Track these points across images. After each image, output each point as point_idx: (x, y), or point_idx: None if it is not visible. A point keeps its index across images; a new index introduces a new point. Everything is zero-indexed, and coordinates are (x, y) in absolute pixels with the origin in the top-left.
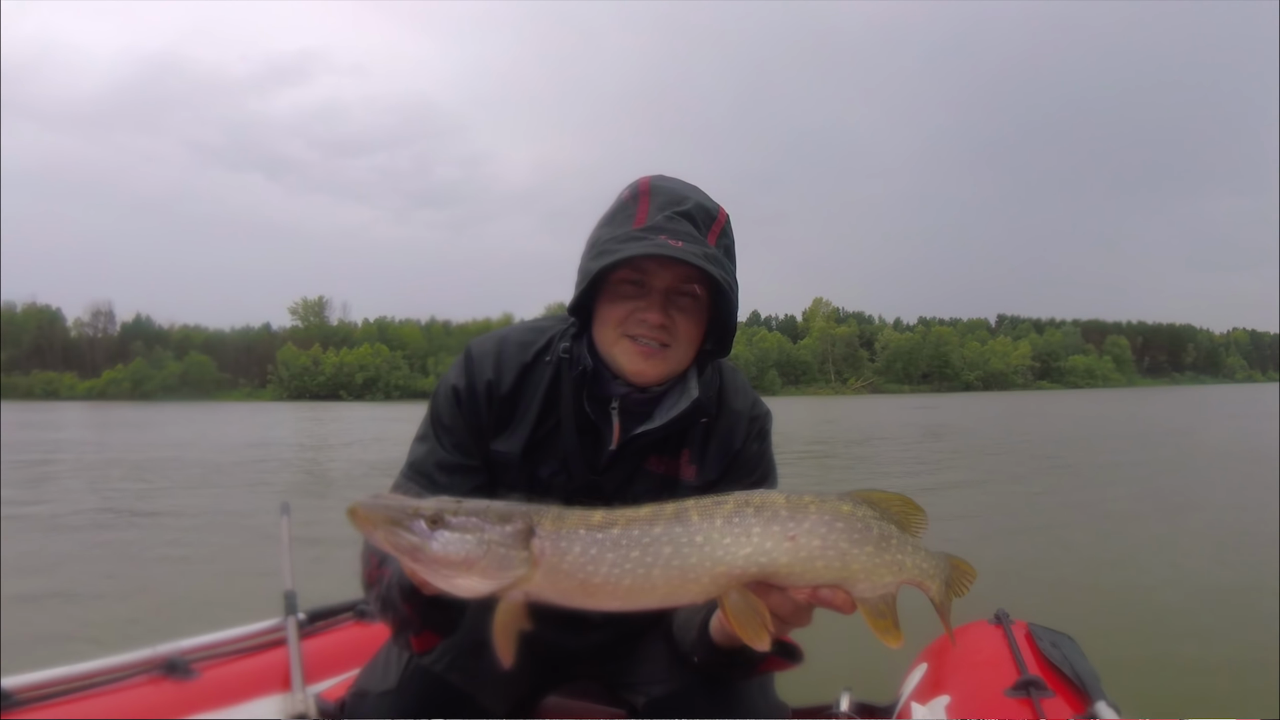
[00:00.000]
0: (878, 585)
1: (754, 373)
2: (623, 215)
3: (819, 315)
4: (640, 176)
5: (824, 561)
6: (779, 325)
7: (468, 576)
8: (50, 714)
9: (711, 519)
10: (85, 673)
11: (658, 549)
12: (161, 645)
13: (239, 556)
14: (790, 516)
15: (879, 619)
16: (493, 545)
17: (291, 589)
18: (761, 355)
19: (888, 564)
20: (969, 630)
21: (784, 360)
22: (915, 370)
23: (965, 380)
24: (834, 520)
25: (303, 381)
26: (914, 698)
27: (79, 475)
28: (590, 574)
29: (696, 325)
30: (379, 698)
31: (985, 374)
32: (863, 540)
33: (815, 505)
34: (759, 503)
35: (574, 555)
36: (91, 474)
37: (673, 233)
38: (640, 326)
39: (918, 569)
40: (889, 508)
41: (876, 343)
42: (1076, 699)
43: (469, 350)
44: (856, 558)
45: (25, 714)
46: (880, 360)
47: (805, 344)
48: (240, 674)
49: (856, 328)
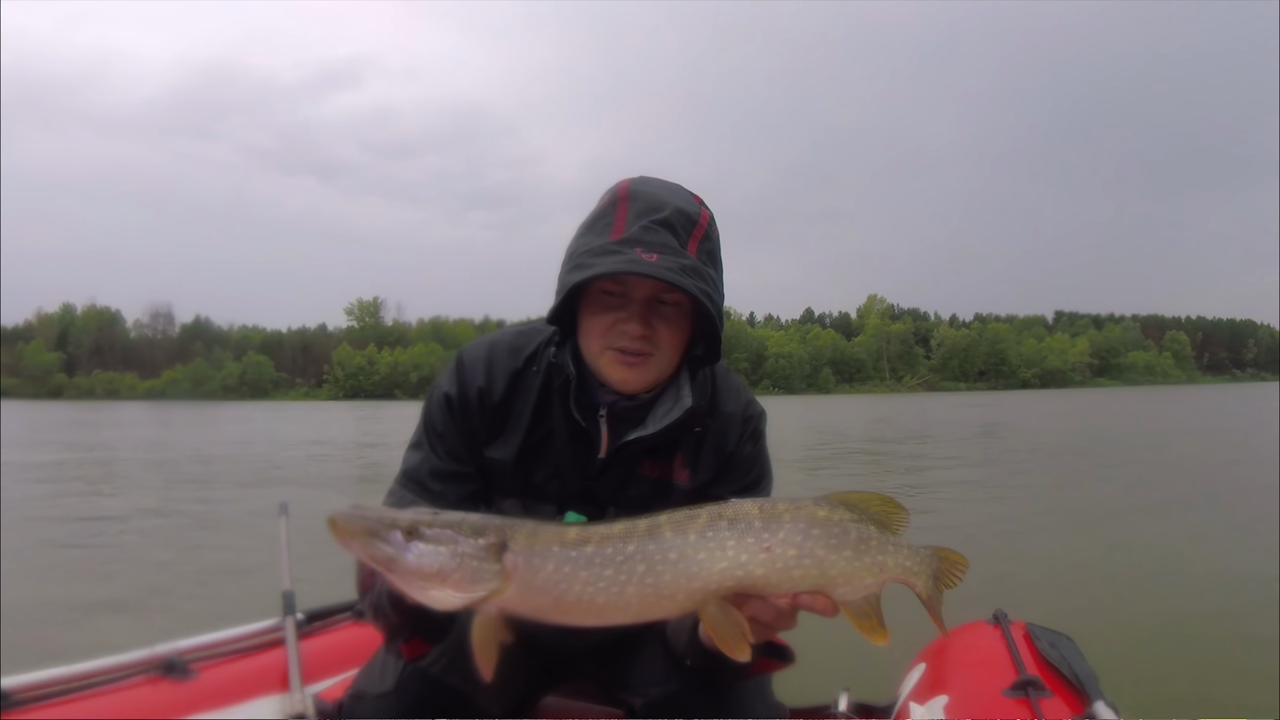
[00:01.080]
0: (859, 587)
1: (808, 370)
2: (601, 224)
3: (874, 312)
4: (621, 180)
5: (801, 570)
6: (833, 322)
7: (441, 588)
8: (49, 714)
9: (685, 534)
10: (84, 673)
11: (631, 567)
12: (160, 645)
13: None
14: (764, 527)
15: (863, 619)
16: (465, 558)
17: (290, 589)
18: (816, 353)
19: (868, 566)
20: (967, 630)
21: (838, 358)
22: (971, 368)
23: (1022, 378)
24: (809, 528)
25: (358, 381)
26: (912, 698)
27: (147, 472)
28: (564, 592)
29: (680, 332)
30: (377, 699)
31: (1042, 371)
32: (840, 545)
33: (790, 514)
34: (732, 515)
35: (547, 573)
36: (156, 471)
37: (648, 245)
38: (622, 338)
39: (900, 567)
40: (868, 508)
41: (932, 340)
42: (1075, 699)
43: (460, 357)
44: (834, 563)
45: (24, 714)
46: (936, 358)
47: (860, 341)
48: (238, 674)
49: (912, 325)
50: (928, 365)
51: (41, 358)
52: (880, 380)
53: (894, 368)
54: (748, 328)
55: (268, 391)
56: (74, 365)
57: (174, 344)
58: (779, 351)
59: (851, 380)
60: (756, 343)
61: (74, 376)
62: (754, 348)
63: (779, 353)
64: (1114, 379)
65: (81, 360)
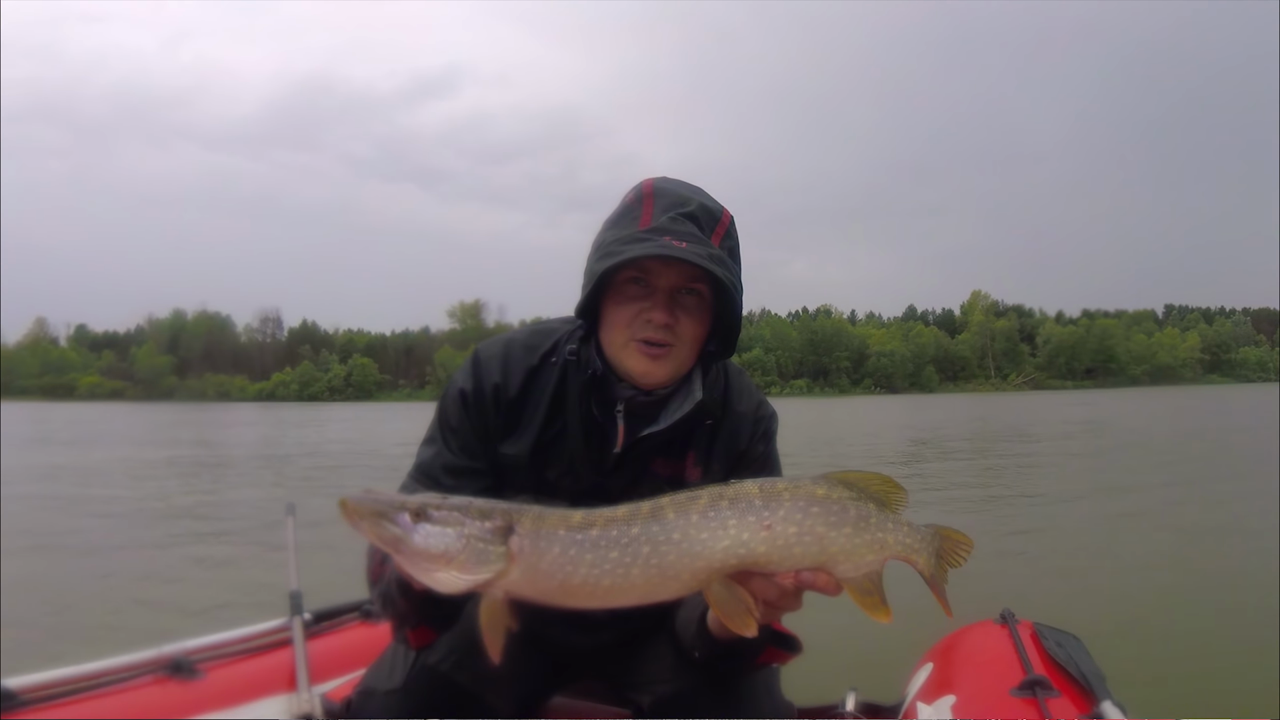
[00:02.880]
0: (860, 564)
1: (910, 369)
2: (628, 218)
3: (978, 308)
4: (645, 179)
5: (801, 547)
6: (936, 320)
7: (446, 570)
8: (55, 714)
9: (687, 515)
10: (90, 673)
11: (636, 549)
12: (166, 645)
13: None
14: (764, 505)
15: (865, 596)
16: (471, 540)
17: (297, 589)
18: (918, 351)
19: (869, 543)
20: (974, 630)
21: (941, 356)
22: (1079, 365)
23: (1131, 375)
24: (809, 505)
25: None
26: (919, 697)
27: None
28: (569, 574)
29: (700, 325)
30: (385, 696)
31: (1152, 368)
32: (840, 522)
33: (789, 492)
34: (732, 495)
35: (553, 556)
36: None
37: (676, 234)
38: (646, 328)
39: (901, 544)
40: (868, 487)
41: (1038, 336)
42: (1082, 699)
43: (476, 353)
44: (835, 540)
45: (30, 714)
46: (1042, 355)
47: (963, 339)
48: (245, 674)
49: (1017, 321)
50: (1033, 363)
51: (154, 361)
52: (985, 379)
53: (999, 366)
54: (848, 326)
55: (372, 393)
56: (185, 368)
57: (282, 347)
58: (881, 350)
59: (955, 379)
60: (858, 341)
61: (185, 379)
62: (855, 346)
63: (881, 351)
64: (1225, 375)
65: (193, 363)
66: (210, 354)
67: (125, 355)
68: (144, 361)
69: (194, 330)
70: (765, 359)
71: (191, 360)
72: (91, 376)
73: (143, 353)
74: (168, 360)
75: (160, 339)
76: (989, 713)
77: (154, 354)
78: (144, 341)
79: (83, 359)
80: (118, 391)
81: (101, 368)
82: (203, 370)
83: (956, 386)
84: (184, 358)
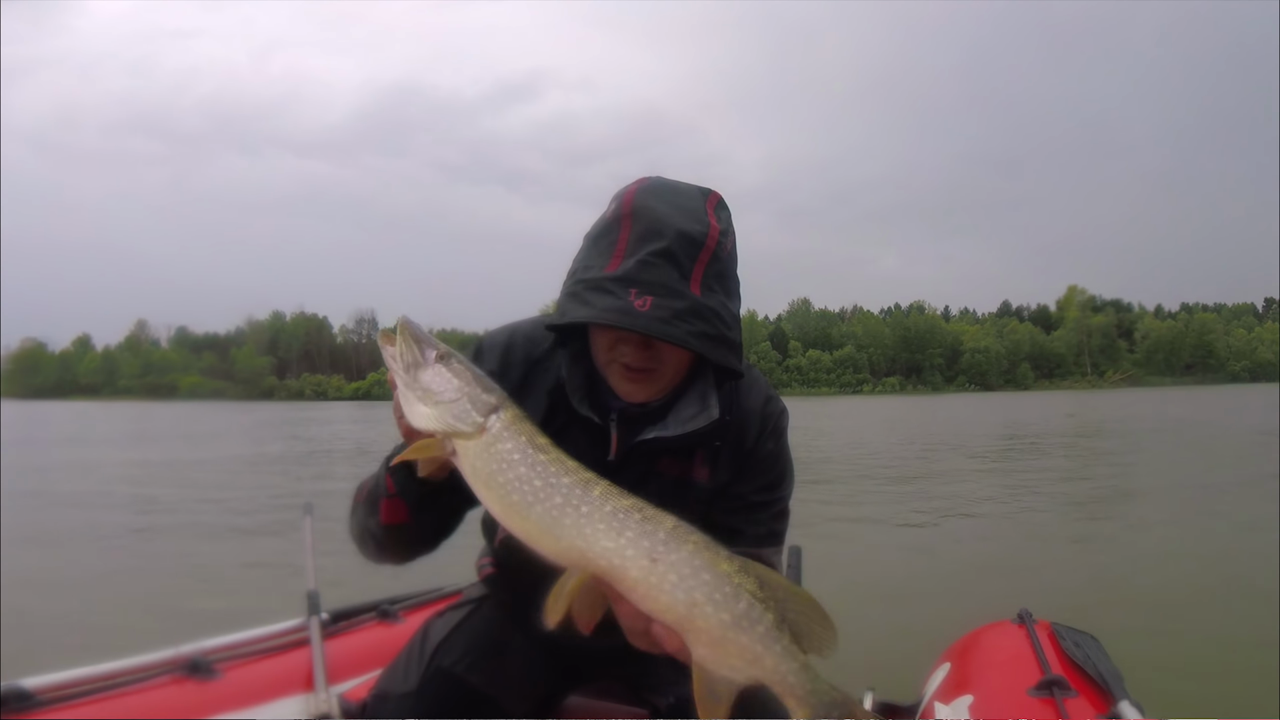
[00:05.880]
0: (723, 662)
1: (1005, 366)
2: (604, 242)
3: (1074, 304)
4: (629, 185)
5: (669, 599)
6: (1031, 315)
7: (432, 407)
8: (73, 714)
9: (603, 503)
10: (108, 673)
11: (551, 494)
12: (184, 645)
13: None
14: (666, 540)
15: (708, 698)
16: (464, 397)
17: (314, 589)
18: (1012, 348)
19: (742, 647)
20: (992, 630)
21: (1036, 353)
22: (1178, 361)
23: (1231, 371)
24: (702, 570)
25: None
26: (937, 697)
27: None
28: (499, 471)
29: (685, 352)
30: (400, 699)
31: (1253, 364)
32: (722, 605)
33: (696, 546)
34: (651, 515)
35: (504, 449)
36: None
37: (644, 285)
38: (624, 357)
39: (778, 674)
40: (786, 600)
41: (1136, 332)
42: (1100, 699)
43: (480, 343)
44: (706, 617)
45: (48, 714)
46: (1140, 351)
47: (1059, 335)
48: (263, 674)
49: (1114, 316)
50: (1131, 359)
51: (253, 362)
52: (1081, 376)
53: (1096, 362)
54: (942, 322)
55: None
56: (284, 369)
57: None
58: (975, 346)
59: (1051, 376)
60: (951, 337)
61: (284, 379)
62: (949, 343)
63: (975, 347)
64: None
65: (291, 364)
66: (308, 354)
67: (225, 356)
68: (243, 362)
69: (292, 331)
70: (857, 356)
71: (290, 361)
72: (193, 377)
73: (242, 354)
74: (267, 361)
75: (259, 340)
76: (1006, 713)
77: (253, 355)
78: (244, 343)
79: (184, 360)
80: (219, 391)
81: (202, 368)
82: (301, 370)
83: (1052, 384)
84: (282, 358)
